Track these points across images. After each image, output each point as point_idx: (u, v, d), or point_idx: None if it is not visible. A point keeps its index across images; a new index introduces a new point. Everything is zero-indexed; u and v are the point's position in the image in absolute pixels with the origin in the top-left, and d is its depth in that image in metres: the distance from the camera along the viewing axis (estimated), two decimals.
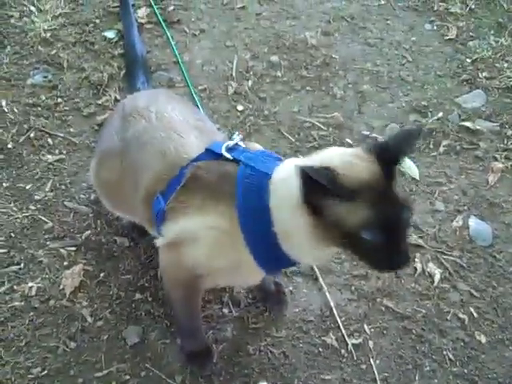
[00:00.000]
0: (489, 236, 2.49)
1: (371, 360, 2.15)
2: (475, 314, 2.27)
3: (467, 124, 2.87)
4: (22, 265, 2.31)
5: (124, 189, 2.03)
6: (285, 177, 1.63)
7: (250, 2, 3.42)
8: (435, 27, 3.33)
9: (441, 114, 2.91)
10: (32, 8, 3.22)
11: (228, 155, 1.76)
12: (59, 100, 2.84)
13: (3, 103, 2.81)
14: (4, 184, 2.53)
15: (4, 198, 2.49)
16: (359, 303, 2.28)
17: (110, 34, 3.16)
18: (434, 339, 2.21)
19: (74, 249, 2.37)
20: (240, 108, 2.86)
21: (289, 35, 3.24)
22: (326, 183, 1.45)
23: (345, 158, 1.56)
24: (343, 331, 2.20)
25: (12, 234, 2.39)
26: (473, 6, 3.44)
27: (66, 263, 2.32)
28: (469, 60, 3.16)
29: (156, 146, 1.89)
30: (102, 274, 2.30)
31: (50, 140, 2.70)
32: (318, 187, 1.46)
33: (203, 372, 2.09)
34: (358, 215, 1.48)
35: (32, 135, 2.70)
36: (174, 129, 1.92)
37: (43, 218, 2.44)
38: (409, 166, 2.69)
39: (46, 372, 2.06)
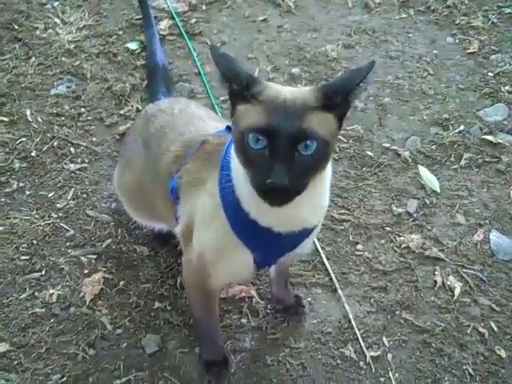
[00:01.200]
0: (510, 250, 2.47)
1: (390, 373, 2.14)
2: (495, 329, 2.26)
3: (489, 137, 2.86)
4: (44, 272, 2.34)
5: (146, 186, 2.07)
6: None
7: (272, 15, 3.47)
8: (457, 41, 3.34)
9: (462, 127, 2.91)
10: (56, 20, 3.28)
11: None
12: (82, 110, 2.90)
13: (27, 113, 2.86)
14: (27, 192, 2.58)
15: (27, 206, 2.53)
16: (378, 315, 2.28)
17: (133, 46, 3.22)
18: (454, 353, 2.19)
19: (94, 257, 2.39)
20: None
21: (310, 48, 3.27)
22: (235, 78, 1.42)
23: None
24: (362, 343, 2.20)
25: (34, 241, 2.42)
26: (495, 20, 3.45)
27: (86, 271, 2.35)
28: (491, 74, 3.17)
29: (176, 131, 1.93)
30: (121, 283, 2.32)
31: (72, 149, 2.74)
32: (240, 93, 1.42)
33: (221, 382, 2.09)
34: (252, 116, 1.41)
35: (55, 144, 2.75)
36: (197, 116, 1.97)
37: (65, 226, 2.47)
38: (429, 178, 2.69)
39: (65, 379, 2.08)
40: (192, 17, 3.41)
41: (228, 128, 1.80)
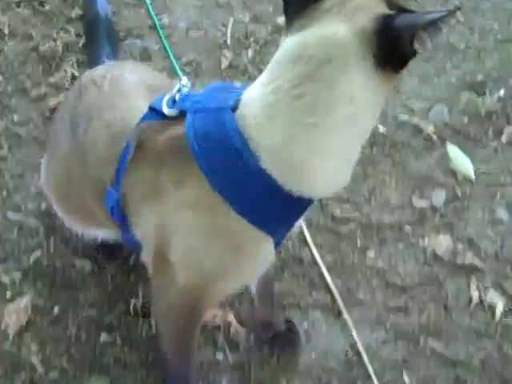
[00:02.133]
0: None
1: None
2: None
3: None
4: None
5: (74, 182, 2.05)
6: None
7: None
8: None
9: (502, 92, 2.92)
10: None
11: (168, 110, 1.74)
12: None
13: None
14: None
15: None
16: (396, 345, 2.29)
17: None
18: None
19: (19, 275, 2.37)
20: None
21: None
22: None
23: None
24: (375, 382, 2.20)
25: None
26: None
27: (8, 295, 2.33)
28: None
29: (102, 117, 1.91)
30: (56, 309, 2.31)
31: None
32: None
33: None
34: None
35: None
36: (123, 93, 1.95)
37: None
38: (461, 161, 2.70)
39: None
40: None
41: (153, 110, 1.78)
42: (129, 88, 1.98)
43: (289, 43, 1.59)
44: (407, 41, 1.48)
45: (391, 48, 1.50)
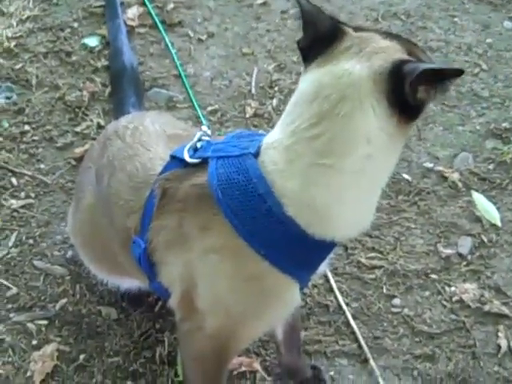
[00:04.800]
0: None
1: None
2: None
3: None
4: None
5: (99, 232, 2.10)
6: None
7: None
8: None
9: None
10: None
11: (190, 159, 1.78)
12: (26, 127, 2.93)
13: None
14: None
15: None
16: None
17: (92, 42, 3.26)
18: None
19: (45, 323, 2.39)
20: None
21: None
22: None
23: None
24: None
25: None
26: None
27: (34, 342, 2.35)
28: None
29: (124, 169, 1.97)
30: (81, 356, 2.32)
31: (13, 180, 2.77)
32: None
33: None
34: None
35: None
36: (143, 142, 2.00)
37: (5, 283, 2.49)
38: (487, 208, 2.71)
39: None
40: (169, 2, 3.46)
41: (175, 158, 1.83)
42: (150, 138, 2.03)
43: (305, 82, 1.64)
44: (408, 86, 1.52)
45: (399, 93, 1.54)
